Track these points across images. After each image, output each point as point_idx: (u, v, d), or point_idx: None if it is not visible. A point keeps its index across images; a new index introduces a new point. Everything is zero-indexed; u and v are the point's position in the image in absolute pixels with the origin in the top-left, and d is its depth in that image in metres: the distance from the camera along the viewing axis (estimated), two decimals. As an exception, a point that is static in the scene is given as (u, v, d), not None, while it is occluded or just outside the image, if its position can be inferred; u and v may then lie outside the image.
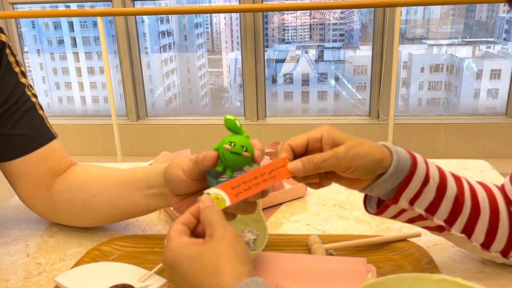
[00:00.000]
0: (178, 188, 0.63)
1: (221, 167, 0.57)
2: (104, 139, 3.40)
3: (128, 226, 0.82)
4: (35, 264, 0.72)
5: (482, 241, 0.60)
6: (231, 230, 0.48)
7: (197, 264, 0.45)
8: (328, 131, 0.55)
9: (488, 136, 3.11)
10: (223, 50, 3.91)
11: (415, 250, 0.69)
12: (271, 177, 0.54)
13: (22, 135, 0.75)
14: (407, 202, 0.57)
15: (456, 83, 3.61)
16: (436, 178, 0.57)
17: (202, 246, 0.47)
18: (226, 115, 0.56)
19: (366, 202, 0.63)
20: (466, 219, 0.59)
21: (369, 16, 3.51)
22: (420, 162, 0.57)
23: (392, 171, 0.55)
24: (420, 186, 0.56)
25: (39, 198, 0.78)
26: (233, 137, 0.55)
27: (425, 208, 0.57)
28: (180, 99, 3.98)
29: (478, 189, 0.61)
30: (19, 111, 0.75)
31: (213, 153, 0.57)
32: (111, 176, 0.75)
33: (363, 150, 0.54)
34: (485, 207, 0.60)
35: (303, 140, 0.56)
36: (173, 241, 0.48)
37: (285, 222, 0.82)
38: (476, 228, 0.60)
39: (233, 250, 0.46)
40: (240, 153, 0.55)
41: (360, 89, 3.63)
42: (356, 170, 0.54)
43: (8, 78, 0.75)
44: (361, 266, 0.64)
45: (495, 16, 3.57)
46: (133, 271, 0.66)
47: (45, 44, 3.87)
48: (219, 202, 0.52)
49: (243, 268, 0.45)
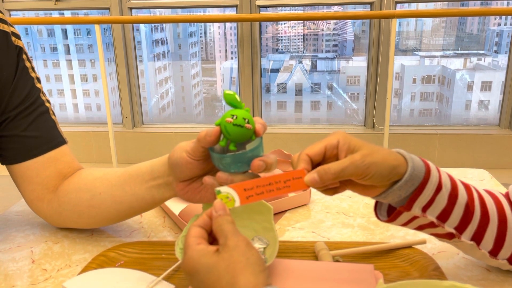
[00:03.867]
0: (183, 172, 0.63)
1: (224, 141, 0.57)
2: (99, 147, 3.39)
3: (133, 233, 0.82)
4: (41, 270, 0.72)
5: (491, 248, 0.61)
6: (243, 239, 0.48)
7: (213, 275, 0.46)
8: (344, 137, 0.55)
9: (482, 146, 3.15)
10: (217, 59, 3.93)
11: (421, 257, 0.69)
12: (286, 186, 0.54)
13: (34, 137, 0.76)
14: (420, 209, 0.57)
15: (447, 94, 3.65)
16: (448, 185, 0.58)
17: (217, 257, 0.47)
18: (225, 90, 0.55)
19: (377, 209, 0.64)
20: (476, 226, 0.60)
21: (363, 27, 3.56)
22: (433, 169, 0.58)
23: (408, 178, 0.55)
24: (433, 193, 0.57)
25: (45, 200, 0.78)
26: (234, 111, 0.55)
27: (437, 215, 0.58)
28: (173, 107, 3.99)
29: (486, 197, 0.62)
30: (33, 114, 0.76)
31: (216, 128, 0.57)
32: (116, 173, 0.75)
33: (379, 157, 0.54)
34: (493, 215, 0.61)
35: (320, 148, 0.56)
36: (191, 249, 0.49)
37: (290, 229, 0.82)
38: (486, 236, 0.60)
39: (246, 261, 0.46)
40: (243, 125, 0.55)
41: (353, 99, 3.66)
42: (373, 177, 0.54)
43: (24, 82, 0.76)
44: (368, 272, 0.65)
45: (486, 29, 3.63)
46: (141, 277, 0.66)
47: (38, 51, 3.86)
48: (228, 202, 0.52)
49: (258, 278, 0.45)
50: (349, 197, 0.94)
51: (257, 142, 0.57)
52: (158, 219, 0.87)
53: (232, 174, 0.57)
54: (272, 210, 0.69)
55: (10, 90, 0.74)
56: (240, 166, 0.56)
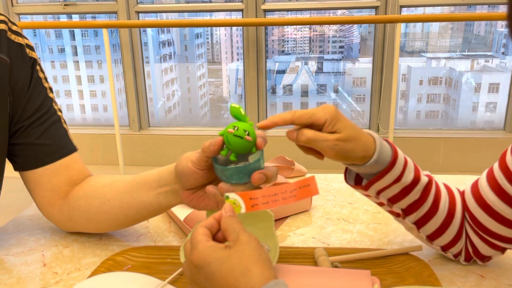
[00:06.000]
0: (189, 181, 0.66)
1: (225, 151, 0.60)
2: (106, 149, 3.43)
3: (140, 237, 0.85)
4: (52, 273, 0.75)
5: (429, 234, 0.70)
6: (254, 237, 0.52)
7: (226, 266, 0.49)
8: (332, 117, 0.60)
9: (487, 150, 3.15)
10: (223, 61, 3.96)
11: (416, 263, 0.72)
12: (292, 195, 0.57)
13: (47, 145, 0.80)
14: (375, 192, 0.65)
15: (454, 96, 3.66)
16: (408, 179, 0.65)
17: (229, 251, 0.50)
18: (231, 104, 0.59)
19: (347, 173, 0.70)
20: (422, 214, 0.68)
21: (369, 29, 3.57)
22: (398, 164, 0.63)
23: (370, 164, 0.62)
24: (390, 183, 0.64)
25: (56, 206, 0.81)
26: (237, 123, 0.59)
27: (389, 198, 0.66)
28: (179, 109, 4.02)
29: (443, 191, 0.70)
30: (46, 123, 0.80)
31: (219, 138, 0.60)
32: (124, 180, 0.78)
33: (351, 146, 0.60)
34: (444, 207, 0.69)
35: (307, 120, 0.60)
36: (202, 244, 0.51)
37: (291, 235, 0.85)
38: (428, 224, 0.69)
39: (259, 256, 0.50)
40: (243, 137, 0.58)
41: (359, 101, 3.67)
42: (337, 159, 0.61)
43: (38, 92, 0.80)
44: (365, 278, 0.67)
45: (493, 30, 3.63)
46: (148, 281, 0.69)
47: (46, 52, 3.90)
48: (236, 207, 0.56)
49: (270, 272, 0.49)
50: (350, 203, 0.96)
51: (258, 155, 0.60)
52: (164, 224, 0.90)
53: (233, 184, 0.60)
54: (273, 217, 0.72)
55: (25, 100, 0.78)
56: (241, 177, 0.59)
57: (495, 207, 0.66)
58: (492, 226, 0.67)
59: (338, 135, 0.59)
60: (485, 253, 0.70)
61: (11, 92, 0.76)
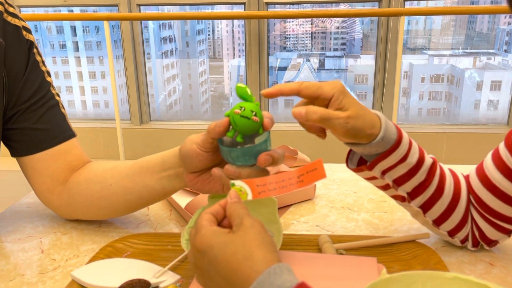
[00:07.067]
0: (193, 163, 0.65)
1: (231, 133, 0.58)
2: (107, 143, 3.41)
3: (140, 225, 0.83)
4: (50, 260, 0.73)
5: (435, 218, 0.69)
6: (258, 222, 0.51)
7: (229, 250, 0.48)
8: (339, 92, 0.58)
9: (490, 145, 3.10)
10: (225, 57, 3.94)
11: (423, 250, 0.70)
12: (299, 181, 0.56)
13: (44, 130, 0.78)
14: (380, 171, 0.63)
15: (456, 93, 3.63)
16: (413, 160, 0.63)
17: (232, 235, 0.49)
18: (237, 84, 0.57)
19: (349, 158, 0.68)
20: (428, 197, 0.66)
21: (371, 25, 3.54)
22: (404, 143, 0.62)
23: (377, 141, 0.60)
24: (395, 162, 0.62)
25: (55, 192, 0.79)
26: (243, 103, 0.57)
27: (394, 179, 0.64)
28: (181, 105, 4.00)
29: (447, 175, 0.69)
30: (43, 107, 0.78)
31: (225, 119, 0.58)
32: (126, 165, 0.76)
33: (360, 123, 0.58)
34: (449, 191, 0.68)
35: (314, 92, 0.58)
36: (205, 228, 0.50)
37: (295, 223, 0.83)
38: (434, 207, 0.67)
39: (262, 239, 0.48)
40: (250, 117, 0.56)
41: (361, 98, 3.65)
42: (347, 137, 0.59)
43: (35, 75, 0.77)
44: (371, 265, 0.66)
45: (496, 27, 3.61)
46: (148, 267, 0.67)
47: (47, 48, 3.89)
48: (242, 194, 0.54)
49: (273, 255, 0.48)
50: (354, 192, 0.94)
51: (265, 136, 0.58)
52: (164, 212, 0.88)
53: (239, 166, 0.58)
54: (276, 203, 0.70)
55: (21, 84, 0.76)
56: (247, 159, 0.58)
57: (500, 186, 0.65)
58: (498, 207, 0.66)
59: (348, 112, 0.58)
60: (492, 237, 0.69)
61: (7, 75, 0.74)
